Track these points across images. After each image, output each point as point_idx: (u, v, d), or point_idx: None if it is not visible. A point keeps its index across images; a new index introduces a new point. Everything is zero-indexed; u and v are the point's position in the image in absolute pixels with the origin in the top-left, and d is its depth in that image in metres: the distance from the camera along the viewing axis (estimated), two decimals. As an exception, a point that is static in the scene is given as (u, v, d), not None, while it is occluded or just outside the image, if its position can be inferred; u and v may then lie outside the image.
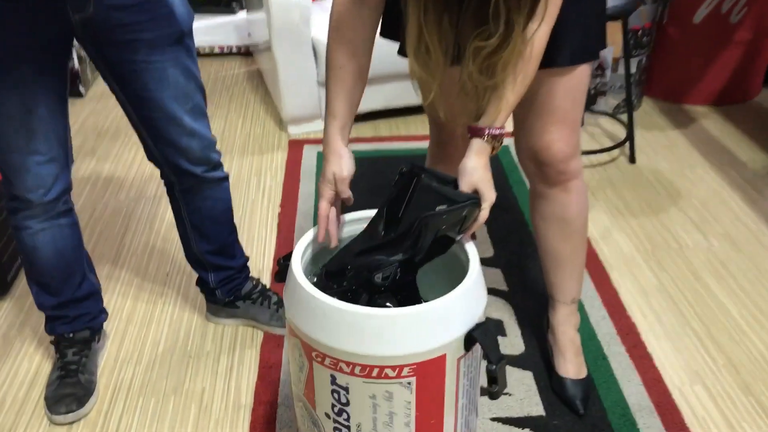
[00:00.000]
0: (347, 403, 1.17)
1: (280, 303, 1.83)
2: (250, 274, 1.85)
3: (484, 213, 1.20)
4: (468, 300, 1.14)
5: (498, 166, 2.56)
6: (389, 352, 1.10)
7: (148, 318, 1.91)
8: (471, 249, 1.22)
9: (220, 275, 1.77)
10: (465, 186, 1.20)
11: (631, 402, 1.61)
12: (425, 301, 1.26)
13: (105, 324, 1.79)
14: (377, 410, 1.16)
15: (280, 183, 2.52)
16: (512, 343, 1.79)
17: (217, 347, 1.80)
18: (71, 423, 1.60)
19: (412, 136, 2.83)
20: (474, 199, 1.18)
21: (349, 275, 1.19)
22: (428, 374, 1.14)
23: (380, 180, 2.42)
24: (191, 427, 1.59)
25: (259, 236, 2.22)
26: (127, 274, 2.08)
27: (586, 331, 1.80)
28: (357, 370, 1.12)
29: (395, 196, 1.18)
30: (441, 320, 1.11)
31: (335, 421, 1.20)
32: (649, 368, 1.70)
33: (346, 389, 1.15)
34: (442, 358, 1.13)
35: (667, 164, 2.58)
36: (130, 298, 1.98)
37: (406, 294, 1.23)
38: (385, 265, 1.17)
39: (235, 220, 1.75)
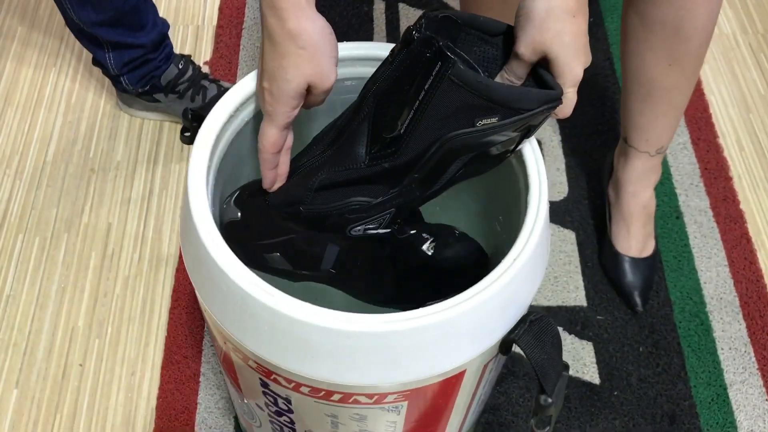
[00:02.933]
0: (290, 411, 0.69)
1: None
2: (175, 51, 1.23)
3: (568, 103, 0.60)
4: (519, 283, 0.60)
5: None
6: (366, 381, 0.59)
7: (36, 97, 1.33)
8: (534, 168, 0.64)
9: (123, 56, 1.16)
10: (526, 47, 0.58)
11: (707, 292, 1.14)
12: (437, 228, 0.72)
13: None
14: (340, 428, 0.69)
15: None
16: (551, 181, 1.26)
17: (132, 157, 1.26)
18: None
19: None
20: (552, 101, 0.56)
21: (303, 217, 0.62)
22: (430, 396, 0.65)
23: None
24: (90, 286, 1.13)
25: (201, -35, 1.53)
26: (10, 18, 1.43)
27: (658, 169, 1.27)
28: (305, 390, 0.62)
29: (394, 88, 0.56)
30: (466, 331, 0.59)
31: (273, 418, 0.74)
32: (739, 238, 1.20)
33: (287, 400, 0.67)
34: (457, 376, 0.63)
35: None
36: (12, 60, 1.38)
37: (404, 240, 0.67)
38: (371, 215, 0.60)
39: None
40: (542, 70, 0.59)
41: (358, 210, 0.61)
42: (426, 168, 0.58)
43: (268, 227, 0.65)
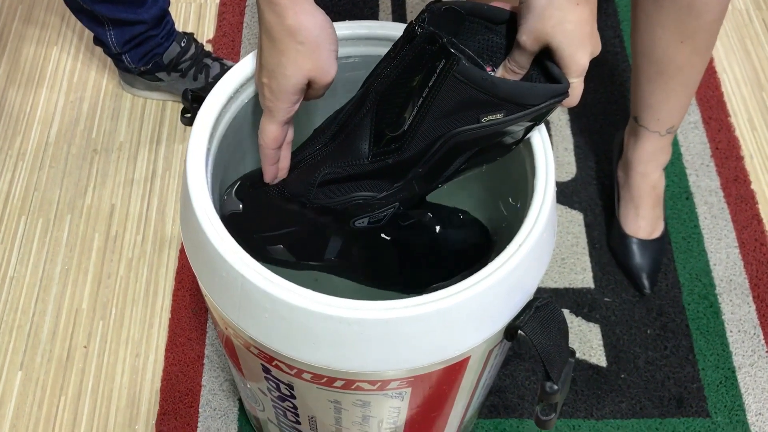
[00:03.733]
0: (292, 396, 0.69)
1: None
2: (176, 29, 1.21)
3: (575, 93, 0.58)
4: (525, 269, 0.59)
5: None
6: (368, 368, 0.58)
7: (37, 76, 1.32)
8: (540, 151, 0.62)
9: (124, 34, 1.14)
10: (527, 36, 0.56)
11: (717, 274, 1.13)
12: (445, 214, 0.71)
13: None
14: (343, 413, 0.68)
15: None
16: (559, 161, 1.24)
17: (134, 138, 1.25)
18: None
19: None
20: (558, 95, 0.55)
21: (306, 210, 0.61)
22: (435, 382, 0.64)
23: None
24: (93, 268, 1.12)
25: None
26: (9, -5, 1.42)
27: (668, 149, 1.25)
28: (307, 376, 0.62)
29: (396, 84, 0.55)
30: (470, 318, 0.57)
31: (275, 402, 0.73)
32: (750, 219, 1.18)
33: (290, 386, 0.66)
34: (462, 363, 0.62)
35: None
36: (13, 38, 1.36)
37: (408, 225, 0.66)
38: (375, 209, 0.59)
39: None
40: (548, 62, 0.57)
41: (362, 205, 0.60)
42: (430, 163, 0.57)
43: (271, 219, 0.64)
